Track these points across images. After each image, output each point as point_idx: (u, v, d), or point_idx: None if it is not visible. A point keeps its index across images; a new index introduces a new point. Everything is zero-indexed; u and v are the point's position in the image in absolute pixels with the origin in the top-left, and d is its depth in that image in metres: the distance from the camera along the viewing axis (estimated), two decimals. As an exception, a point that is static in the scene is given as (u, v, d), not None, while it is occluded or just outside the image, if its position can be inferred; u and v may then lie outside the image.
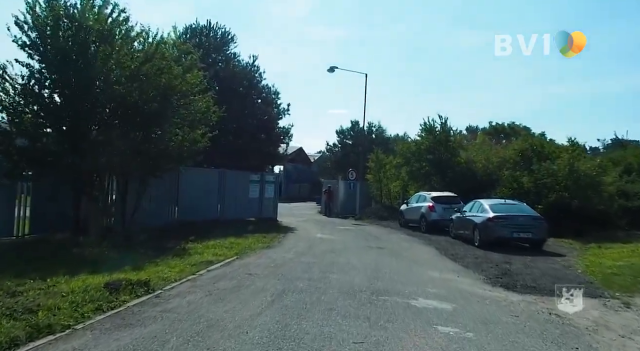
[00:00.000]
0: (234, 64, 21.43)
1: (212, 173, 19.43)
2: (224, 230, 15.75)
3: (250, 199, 21.23)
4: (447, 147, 25.94)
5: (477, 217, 15.15)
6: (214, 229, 16.00)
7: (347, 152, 44.36)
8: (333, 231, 18.90)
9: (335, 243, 14.55)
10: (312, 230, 19.20)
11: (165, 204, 16.77)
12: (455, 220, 17.24)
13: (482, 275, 9.55)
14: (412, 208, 21.34)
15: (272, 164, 24.08)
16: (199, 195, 18.31)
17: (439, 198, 20.15)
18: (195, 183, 18.18)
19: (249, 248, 12.42)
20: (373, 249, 13.50)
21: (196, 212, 17.93)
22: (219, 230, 15.70)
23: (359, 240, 16.03)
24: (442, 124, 26.30)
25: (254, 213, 21.54)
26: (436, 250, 13.90)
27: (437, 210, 19.58)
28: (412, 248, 14.22)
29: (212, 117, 14.86)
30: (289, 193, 49.24)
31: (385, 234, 18.52)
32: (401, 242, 15.84)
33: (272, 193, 22.54)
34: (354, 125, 45.88)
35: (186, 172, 17.77)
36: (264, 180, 21.91)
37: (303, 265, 10.01)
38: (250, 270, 9.11)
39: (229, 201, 19.89)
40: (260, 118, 21.84)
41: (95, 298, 6.08)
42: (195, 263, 9.50)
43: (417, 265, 10.73)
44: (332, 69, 30.20)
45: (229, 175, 19.91)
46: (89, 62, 11.20)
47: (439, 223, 19.32)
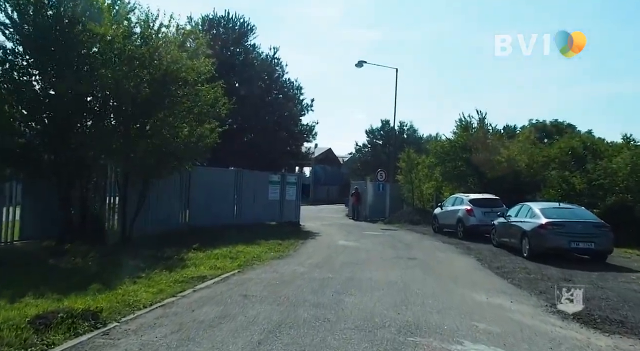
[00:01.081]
0: (253, 56, 19.76)
1: (228, 174, 17.79)
2: (236, 236, 14.08)
3: (270, 201, 19.47)
4: (485, 145, 23.52)
5: (527, 223, 12.85)
6: (226, 235, 14.35)
7: (377, 152, 42.21)
8: (359, 237, 16.90)
9: (359, 253, 12.56)
10: (336, 235, 17.26)
11: (174, 207, 15.18)
12: (498, 225, 14.96)
13: (543, 300, 7.37)
14: (448, 211, 19.10)
15: (295, 164, 22.23)
16: (213, 197, 16.67)
17: (478, 201, 17.85)
18: (208, 185, 16.55)
19: (257, 259, 10.60)
20: (402, 260, 11.44)
21: (209, 215, 16.29)
22: (231, 236, 14.03)
23: (387, 248, 13.99)
24: (480, 120, 23.94)
25: (274, 217, 19.78)
26: (477, 262, 11.74)
27: (476, 214, 17.30)
28: (449, 260, 12.08)
29: (221, 109, 13.13)
30: (317, 195, 47.48)
31: (417, 241, 16.39)
32: (435, 251, 13.70)
33: (294, 195, 20.73)
34: (384, 125, 43.62)
35: (198, 171, 16.19)
36: (285, 180, 20.13)
37: (315, 282, 8.09)
38: (247, 290, 7.26)
39: (246, 204, 18.20)
40: (281, 114, 20.06)
41: (9, 341, 4.34)
42: (184, 280, 7.73)
43: (456, 284, 8.64)
44: (360, 64, 28.30)
45: (246, 176, 18.22)
46: (72, 42, 9.64)
47: (478, 229, 17.08)
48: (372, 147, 44.76)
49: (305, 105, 21.48)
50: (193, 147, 12.84)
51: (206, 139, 13.07)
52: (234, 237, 13.97)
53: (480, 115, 23.87)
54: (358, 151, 47.57)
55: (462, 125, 24.39)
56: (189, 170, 13.52)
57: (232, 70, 19.08)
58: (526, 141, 24.22)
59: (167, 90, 10.93)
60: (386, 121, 43.29)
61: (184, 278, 7.90)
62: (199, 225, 15.61)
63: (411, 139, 42.64)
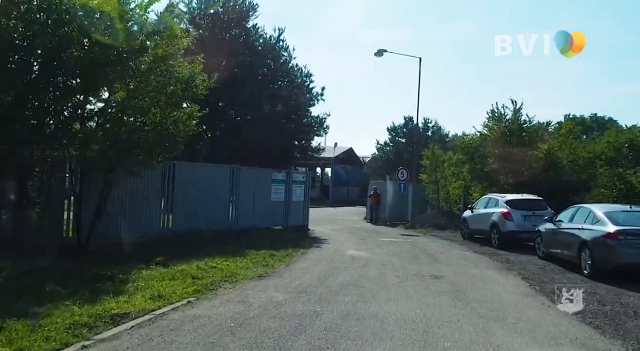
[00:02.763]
0: (254, 39, 17.11)
1: (221, 171, 15.14)
2: (223, 246, 11.58)
3: (273, 203, 16.75)
4: (521, 139, 20.31)
5: (587, 231, 9.77)
6: (212, 243, 11.78)
7: (399, 150, 39.05)
8: (373, 245, 14.02)
9: (369, 268, 9.71)
10: (346, 243, 14.43)
11: (153, 210, 12.62)
12: (545, 233, 11.88)
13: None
14: (479, 215, 16.02)
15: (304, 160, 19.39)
16: (203, 198, 14.07)
17: (516, 202, 14.73)
18: (197, 183, 13.95)
19: (229, 279, 7.89)
20: (424, 280, 8.55)
21: (199, 219, 13.68)
22: (217, 245, 11.49)
23: (406, 260, 11.08)
24: (515, 111, 20.69)
25: (279, 221, 17.07)
26: (524, 283, 8.77)
27: (514, 218, 14.20)
28: (486, 279, 9.10)
29: (199, 89, 10.51)
30: (337, 196, 44.59)
31: (444, 250, 13.40)
32: (467, 266, 10.72)
33: (302, 196, 17.97)
34: (408, 122, 40.41)
35: (183, 168, 13.65)
36: (290, 179, 17.39)
37: (291, 323, 5.33)
38: (173, 346, 4.54)
39: (244, 206, 15.52)
40: (287, 104, 17.35)
41: None
42: (87, 322, 5.06)
43: (504, 326, 5.70)
44: (380, 53, 25.44)
45: (244, 173, 15.54)
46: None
47: (517, 236, 14.04)
48: (395, 145, 41.56)
49: (315, 94, 18.73)
50: (166, 136, 10.28)
51: (187, 126, 10.49)
52: (220, 246, 11.43)
53: (515, 105, 20.64)
54: (379, 150, 44.39)
55: (494, 117, 21.20)
56: (162, 165, 10.91)
57: (232, 54, 16.49)
58: (568, 134, 20.87)
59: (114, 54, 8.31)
60: (409, 118, 40.06)
61: (95, 316, 5.25)
62: (185, 230, 13.04)
63: (436, 137, 39.38)
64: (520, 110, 20.58)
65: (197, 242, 11.88)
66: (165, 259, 8.94)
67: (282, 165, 17.41)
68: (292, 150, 17.77)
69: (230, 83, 16.30)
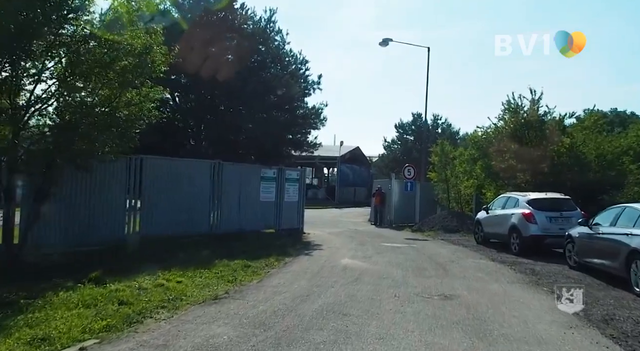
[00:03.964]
0: (242, 20, 15.11)
1: (200, 167, 13.18)
2: (194, 253, 9.69)
3: (263, 203, 14.76)
4: (541, 132, 18.09)
5: (638, 238, 7.65)
6: (184, 250, 9.99)
7: (408, 148, 36.81)
8: (373, 252, 11.96)
9: (362, 284, 7.66)
10: (343, 249, 12.40)
11: (114, 212, 10.70)
12: (579, 238, 9.75)
13: None
14: (496, 216, 13.88)
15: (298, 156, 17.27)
16: (179, 197, 12.15)
17: (540, 202, 12.57)
18: (171, 180, 12.04)
19: (172, 303, 5.91)
20: (431, 303, 6.49)
21: (173, 222, 11.80)
22: (188, 253, 9.76)
23: (409, 272, 9.01)
24: (534, 102, 18.46)
25: (269, 223, 15.08)
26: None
27: (537, 220, 12.06)
28: (511, 300, 7.00)
29: (156, 65, 8.56)
30: (344, 197, 42.54)
31: (455, 258, 11.30)
32: (485, 279, 8.62)
33: (296, 195, 15.96)
34: (416, 118, 38.17)
35: (153, 163, 11.75)
36: (283, 176, 15.39)
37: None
38: None
39: (228, 207, 13.55)
40: (279, 93, 15.32)
41: None
42: None
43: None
44: (385, 42, 23.47)
45: (227, 170, 13.57)
46: None
47: (541, 241, 11.94)
48: (403, 143, 39.31)
49: (311, 82, 16.66)
50: (116, 122, 8.38)
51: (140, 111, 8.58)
52: (191, 255, 9.55)
53: (534, 95, 18.39)
54: (387, 148, 42.15)
55: (510, 109, 18.96)
56: (114, 158, 8.96)
57: (217, 39, 14.57)
58: (594, 127, 18.59)
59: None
60: (418, 114, 37.83)
61: None
62: (156, 235, 11.15)
63: (446, 134, 37.06)
64: (540, 100, 18.35)
65: (165, 250, 10.00)
66: (104, 274, 7.00)
67: (275, 162, 15.40)
68: (284, 144, 15.73)
69: (216, 70, 14.41)
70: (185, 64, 14.57)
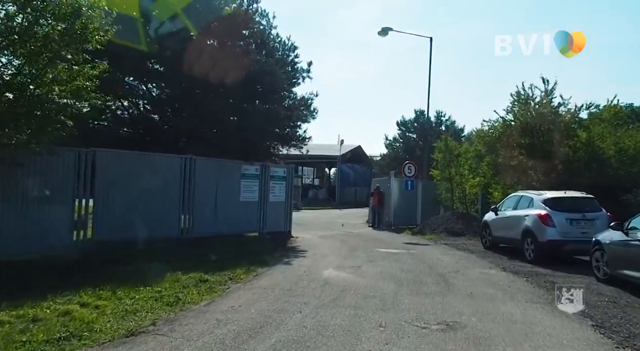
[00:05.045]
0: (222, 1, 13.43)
1: (169, 162, 11.47)
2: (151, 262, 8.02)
3: (244, 204, 13.02)
4: (554, 125, 16.30)
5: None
6: (142, 259, 8.35)
7: (410, 146, 34.98)
8: (364, 260, 10.21)
9: (340, 306, 5.92)
10: (330, 256, 10.67)
11: (56, 215, 8.98)
12: (610, 245, 7.99)
13: None
14: (507, 218, 12.12)
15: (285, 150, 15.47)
16: (143, 197, 10.49)
17: (558, 201, 10.81)
18: (132, 178, 10.37)
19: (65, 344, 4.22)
20: (428, 337, 4.75)
21: (136, 226, 10.12)
22: (143, 262, 8.02)
23: (403, 288, 7.26)
24: (546, 92, 16.65)
25: (252, 226, 13.34)
26: (605, 339, 4.92)
27: (556, 223, 10.30)
28: (535, 331, 5.22)
29: (93, 34, 6.88)
30: (344, 197, 40.89)
31: (460, 268, 9.54)
32: (498, 297, 6.85)
33: (283, 195, 14.21)
34: (419, 115, 36.27)
35: (110, 157, 10.11)
36: (267, 174, 13.67)
37: None
38: None
39: (202, 208, 11.83)
40: (263, 82, 13.59)
41: None
42: None
43: None
44: (385, 31, 21.80)
45: (201, 166, 11.86)
46: None
47: (560, 247, 10.21)
48: (405, 141, 37.45)
49: (300, 70, 14.87)
50: (38, 103, 6.71)
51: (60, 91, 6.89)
52: (144, 265, 7.85)
53: (547, 85, 16.57)
54: (388, 146, 40.27)
55: (520, 100, 17.15)
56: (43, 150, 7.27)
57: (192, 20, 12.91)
58: (613, 120, 16.75)
59: None
60: (421, 111, 35.93)
61: None
62: (112, 241, 9.54)
63: (449, 132, 35.22)
64: (554, 91, 16.54)
65: (116, 259, 8.35)
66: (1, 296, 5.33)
67: (262, 159, 13.70)
68: (270, 138, 13.98)
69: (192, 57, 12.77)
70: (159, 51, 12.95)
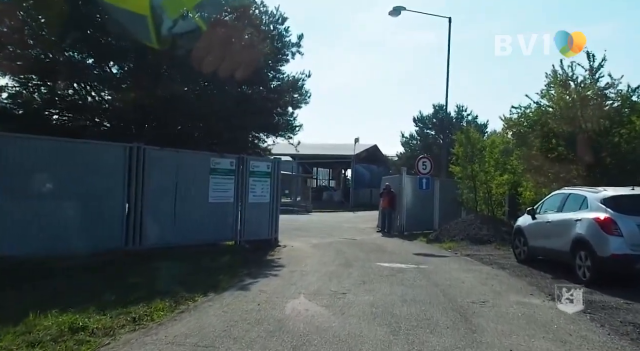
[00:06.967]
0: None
1: (107, 153, 8.71)
2: (48, 291, 5.50)
3: (214, 206, 10.35)
4: (601, 111, 13.19)
5: None
6: (46, 284, 5.83)
7: (428, 143, 31.90)
8: (356, 281, 7.38)
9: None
10: (312, 275, 7.87)
11: None
12: None
13: None
14: (548, 224, 9.15)
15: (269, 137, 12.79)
16: (65, 198, 7.97)
17: (625, 201, 7.81)
18: (50, 173, 7.87)
19: None
20: None
21: (61, 236, 7.65)
22: (41, 290, 5.46)
23: (399, 338, 4.45)
24: (592, 70, 13.46)
25: (224, 233, 10.69)
26: None
27: (623, 231, 7.33)
28: None
29: None
30: (359, 199, 38.20)
31: (486, 294, 6.65)
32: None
33: (267, 194, 11.53)
34: (437, 110, 33.13)
35: (17, 144, 7.64)
36: (246, 169, 11.02)
37: None
38: None
39: (155, 211, 9.21)
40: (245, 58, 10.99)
41: None
42: None
43: None
44: (397, 11, 19.16)
45: (153, 158, 9.23)
46: None
47: (631, 265, 7.23)
48: (422, 138, 34.32)
49: (288, 43, 12.12)
50: None
51: None
52: (36, 296, 5.32)
53: (592, 62, 13.37)
54: (405, 144, 37.13)
55: (557, 81, 14.01)
56: None
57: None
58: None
59: None
60: (440, 106, 32.77)
61: None
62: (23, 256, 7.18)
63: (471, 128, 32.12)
64: (601, 68, 13.35)
65: (16, 284, 5.86)
66: None
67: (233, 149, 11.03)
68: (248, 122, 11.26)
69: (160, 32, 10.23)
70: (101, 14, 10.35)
